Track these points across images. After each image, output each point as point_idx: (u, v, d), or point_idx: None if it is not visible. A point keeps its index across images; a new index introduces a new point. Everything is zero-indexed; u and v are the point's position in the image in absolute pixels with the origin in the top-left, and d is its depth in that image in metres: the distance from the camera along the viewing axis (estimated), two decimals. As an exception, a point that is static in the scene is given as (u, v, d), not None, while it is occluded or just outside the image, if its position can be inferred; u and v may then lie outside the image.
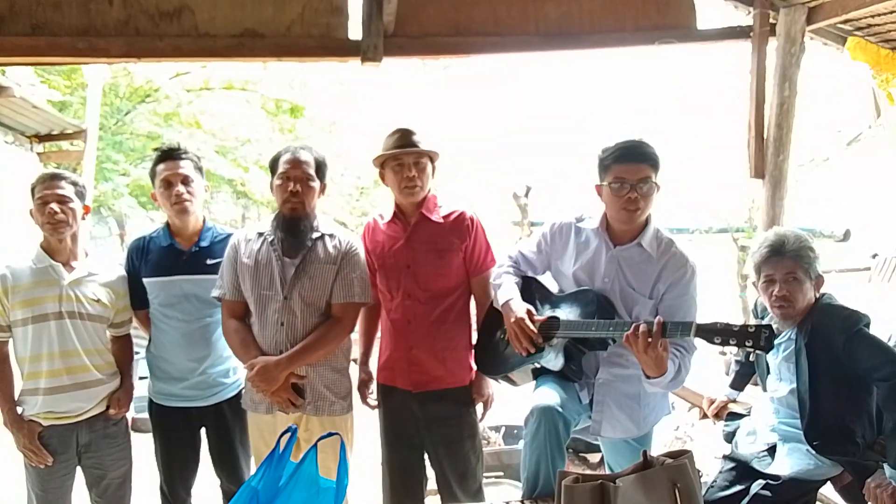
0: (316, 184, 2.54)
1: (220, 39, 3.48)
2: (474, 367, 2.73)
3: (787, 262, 2.44)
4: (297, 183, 2.49)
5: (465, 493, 2.67)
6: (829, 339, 2.37)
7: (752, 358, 3.10)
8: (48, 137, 5.12)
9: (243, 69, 9.47)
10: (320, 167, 2.57)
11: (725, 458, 2.68)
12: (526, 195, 10.10)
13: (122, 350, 2.74)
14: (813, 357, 2.40)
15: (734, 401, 3.27)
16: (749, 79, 3.93)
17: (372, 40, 3.48)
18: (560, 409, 2.26)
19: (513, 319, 2.38)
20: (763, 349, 1.96)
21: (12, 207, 3.58)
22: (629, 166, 2.28)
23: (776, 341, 2.51)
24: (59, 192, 2.53)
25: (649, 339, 2.04)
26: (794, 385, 2.46)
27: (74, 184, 2.59)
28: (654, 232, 2.40)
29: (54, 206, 2.52)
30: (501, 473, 3.99)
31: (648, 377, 2.17)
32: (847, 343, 2.34)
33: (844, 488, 2.49)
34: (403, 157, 2.59)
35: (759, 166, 3.80)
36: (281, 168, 2.53)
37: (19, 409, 2.58)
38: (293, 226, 2.51)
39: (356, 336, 2.81)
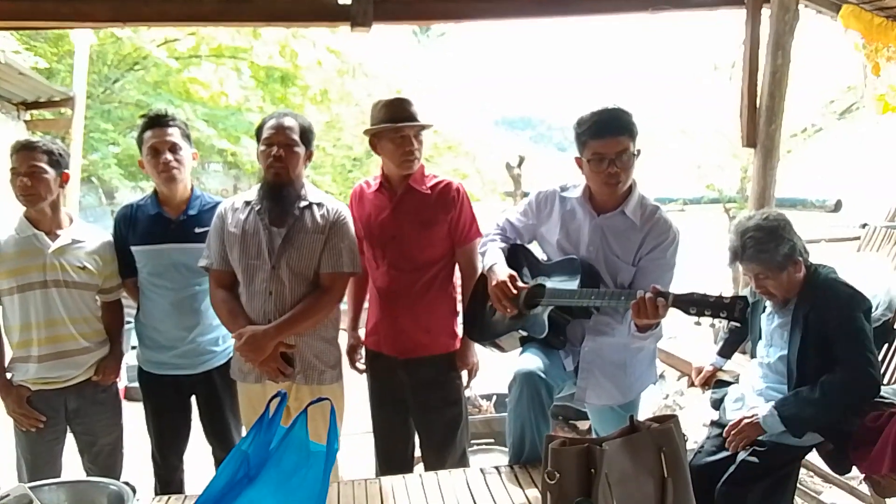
0: (301, 149, 2.51)
1: (206, 4, 3.41)
2: (460, 334, 2.74)
3: (749, 265, 2.47)
4: (280, 148, 2.46)
5: (450, 459, 2.70)
6: (825, 314, 2.38)
7: (731, 325, 3.13)
8: (35, 105, 5.05)
9: (233, 36, 9.32)
10: (305, 133, 2.53)
11: (713, 423, 2.72)
12: (519, 166, 10.07)
13: (112, 316, 2.74)
14: (806, 328, 2.42)
15: (721, 369, 3.30)
16: (742, 47, 3.90)
17: (361, 5, 3.41)
18: (542, 375, 2.28)
19: (494, 283, 2.39)
20: (737, 320, 2.00)
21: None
22: (606, 141, 2.26)
23: (774, 306, 2.54)
24: (32, 162, 2.49)
25: (647, 311, 2.06)
26: (785, 352, 2.49)
27: (49, 153, 2.53)
28: (639, 199, 2.39)
29: (25, 179, 2.48)
30: (492, 441, 4.04)
31: (640, 329, 2.19)
32: (839, 325, 2.36)
33: (828, 454, 2.53)
34: (406, 130, 2.56)
35: (752, 135, 3.79)
36: (265, 134, 2.50)
37: (9, 376, 2.59)
38: (277, 192, 2.48)
39: (345, 306, 2.82)
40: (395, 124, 2.55)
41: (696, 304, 2.00)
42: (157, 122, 2.65)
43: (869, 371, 2.33)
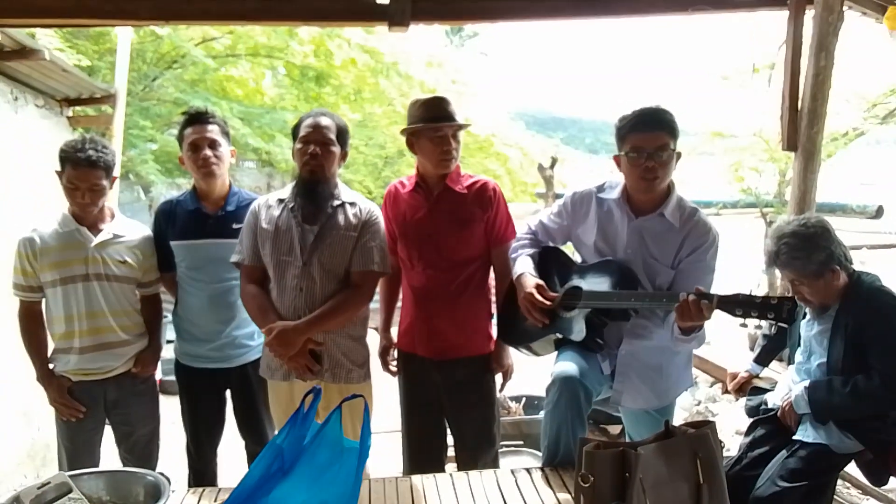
0: (336, 149, 2.52)
1: (247, 2, 3.44)
2: (494, 336, 2.73)
3: (783, 271, 2.47)
4: (316, 146, 2.48)
5: (483, 460, 2.69)
6: (866, 322, 2.33)
7: (772, 331, 3.07)
8: (77, 101, 5.16)
9: (269, 36, 9.43)
10: (341, 133, 2.54)
11: (749, 430, 2.67)
12: (551, 167, 10.03)
13: (151, 310, 2.79)
14: (846, 336, 2.37)
15: (757, 376, 3.25)
16: (784, 48, 3.82)
17: (399, 5, 3.41)
18: (581, 379, 2.26)
19: (522, 295, 2.39)
20: (785, 321, 1.94)
21: (44, 169, 3.63)
22: (646, 134, 2.24)
23: (815, 311, 2.50)
24: (94, 181, 2.53)
25: (690, 313, 2.03)
26: (825, 360, 2.44)
27: (107, 167, 2.56)
28: (678, 201, 2.36)
29: (86, 196, 2.53)
30: (522, 443, 4.02)
31: (685, 333, 2.16)
32: (878, 334, 2.31)
33: (867, 464, 2.48)
34: (445, 129, 2.56)
35: (793, 138, 3.71)
36: (302, 132, 2.51)
37: (51, 366, 2.65)
38: (312, 189, 2.50)
39: (375, 305, 2.82)
40: (433, 123, 2.56)
41: (741, 306, 1.96)
42: (198, 118, 2.70)
43: None
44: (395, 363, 2.87)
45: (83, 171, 2.51)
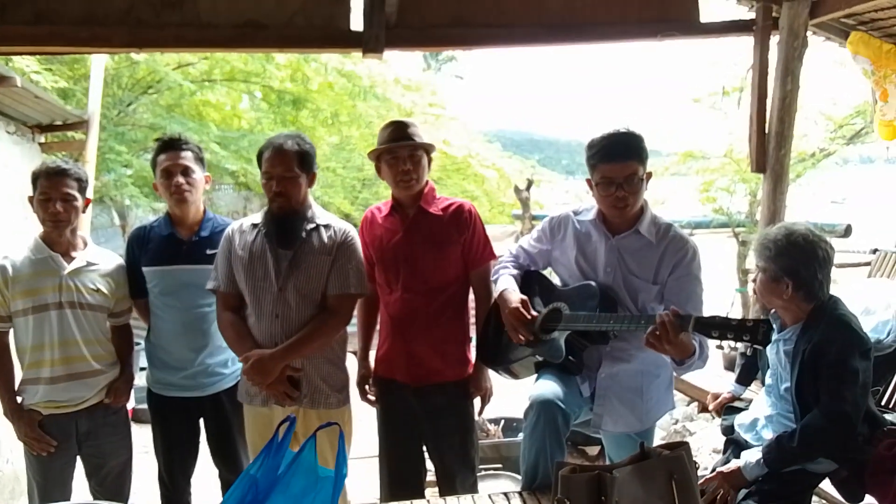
0: (301, 178, 2.51)
1: (222, 30, 3.47)
2: (472, 360, 2.73)
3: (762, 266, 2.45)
4: (279, 182, 2.47)
5: (462, 486, 2.68)
6: (824, 350, 2.33)
7: (748, 352, 3.10)
8: (50, 128, 5.11)
9: (246, 61, 9.44)
10: (304, 158, 2.50)
11: (728, 442, 2.69)
12: (527, 189, 10.10)
13: (122, 340, 2.75)
14: (804, 361, 2.38)
15: (740, 397, 3.27)
16: (751, 73, 3.92)
17: (374, 31, 3.46)
18: (560, 403, 2.26)
19: (507, 311, 2.39)
20: (760, 344, 1.95)
21: (14, 198, 3.58)
22: (614, 165, 2.26)
23: (780, 334, 2.52)
24: (65, 189, 2.52)
25: (668, 334, 2.01)
26: (789, 384, 2.47)
27: (79, 179, 2.57)
28: (652, 218, 2.39)
29: (58, 205, 2.51)
30: (500, 466, 3.99)
31: (678, 362, 2.15)
32: (831, 363, 2.31)
33: (841, 482, 2.50)
34: (398, 151, 2.58)
35: (761, 160, 3.80)
36: (264, 166, 2.50)
37: (19, 399, 2.59)
38: (283, 221, 2.50)
39: (353, 329, 2.81)
40: (387, 145, 2.59)
41: (718, 328, 1.98)
42: (171, 145, 2.70)
43: (844, 419, 2.27)
44: (373, 392, 2.84)
45: (54, 180, 2.52)
